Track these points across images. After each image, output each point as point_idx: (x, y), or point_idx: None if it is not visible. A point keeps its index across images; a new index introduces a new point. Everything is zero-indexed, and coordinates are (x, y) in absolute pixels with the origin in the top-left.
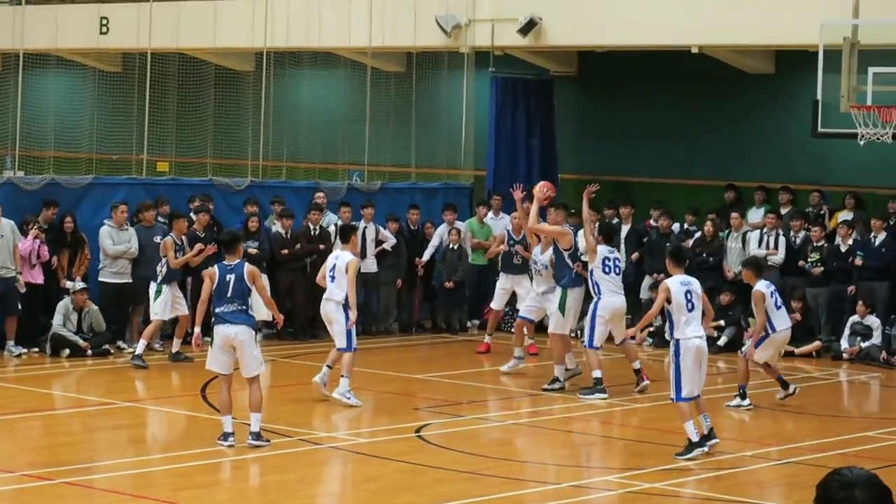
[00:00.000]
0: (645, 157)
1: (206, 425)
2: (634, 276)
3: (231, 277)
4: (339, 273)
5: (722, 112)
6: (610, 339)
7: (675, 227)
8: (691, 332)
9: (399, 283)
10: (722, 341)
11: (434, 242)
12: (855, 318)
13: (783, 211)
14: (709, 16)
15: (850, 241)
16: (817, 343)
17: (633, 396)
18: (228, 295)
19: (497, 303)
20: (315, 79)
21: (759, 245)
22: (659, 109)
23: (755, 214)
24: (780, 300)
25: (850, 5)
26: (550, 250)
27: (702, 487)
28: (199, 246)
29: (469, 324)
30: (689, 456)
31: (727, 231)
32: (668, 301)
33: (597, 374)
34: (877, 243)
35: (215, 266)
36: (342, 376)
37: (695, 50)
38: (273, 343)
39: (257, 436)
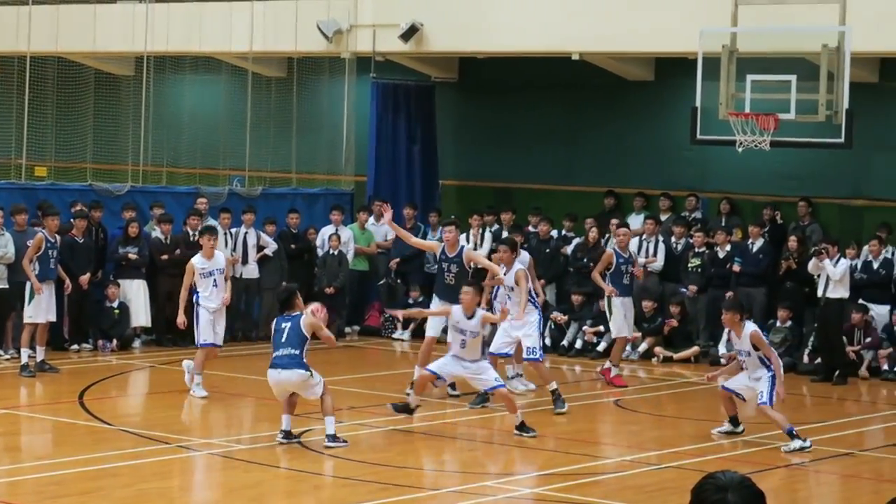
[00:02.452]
0: (525, 163)
1: (84, 432)
2: None
3: (286, 325)
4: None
5: (602, 118)
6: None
7: (554, 233)
8: None
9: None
10: (601, 347)
11: (318, 243)
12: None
13: (663, 217)
14: (589, 23)
15: (728, 248)
16: (695, 348)
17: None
18: (283, 341)
19: (623, 328)
20: (196, 83)
21: (639, 251)
22: (539, 116)
23: (634, 221)
24: None
25: (729, 13)
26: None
27: (581, 492)
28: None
29: (348, 330)
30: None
31: (606, 237)
32: None
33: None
34: (754, 250)
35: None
36: (195, 373)
37: (575, 57)
38: (152, 349)
39: (333, 437)
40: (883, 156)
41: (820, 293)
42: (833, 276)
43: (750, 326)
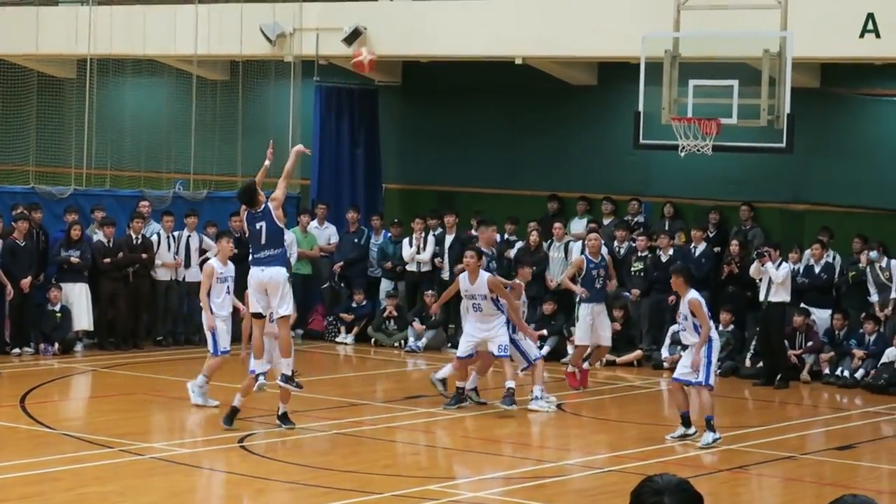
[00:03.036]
0: (469, 167)
1: (25, 437)
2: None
3: (261, 225)
4: None
5: (545, 123)
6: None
7: (496, 237)
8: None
9: None
10: (544, 350)
11: None
12: (675, 327)
13: (605, 221)
14: (532, 27)
15: (671, 252)
16: (638, 352)
17: (461, 405)
18: (263, 242)
19: (585, 336)
20: (139, 86)
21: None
22: (483, 120)
23: (577, 225)
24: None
25: (671, 19)
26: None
27: (524, 496)
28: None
29: (292, 333)
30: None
31: (549, 241)
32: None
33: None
34: (697, 254)
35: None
36: (202, 374)
37: (518, 61)
38: (94, 353)
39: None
40: (824, 160)
41: (762, 297)
42: (775, 279)
43: (693, 293)
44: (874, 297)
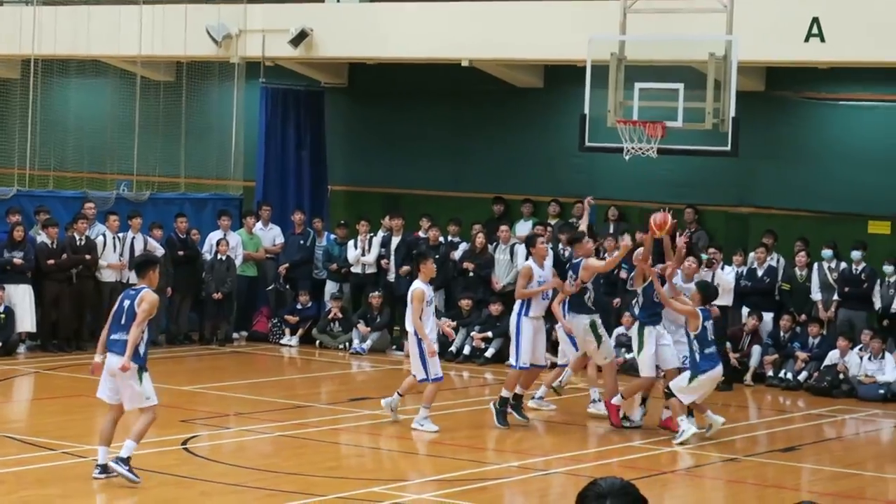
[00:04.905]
0: (415, 169)
1: None
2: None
3: (127, 303)
4: (408, 302)
5: (491, 125)
6: None
7: (441, 238)
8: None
9: (169, 291)
10: (489, 353)
11: (206, 249)
12: (620, 329)
13: (552, 223)
14: (479, 30)
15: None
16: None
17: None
18: (122, 322)
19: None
20: (83, 87)
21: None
22: (429, 122)
23: (523, 227)
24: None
25: (617, 22)
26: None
27: (467, 498)
28: None
29: (236, 335)
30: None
31: (495, 244)
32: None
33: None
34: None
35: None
36: (422, 406)
37: (465, 63)
38: (37, 355)
39: (125, 461)
40: (769, 164)
41: None
42: (725, 284)
43: None
44: (817, 296)
